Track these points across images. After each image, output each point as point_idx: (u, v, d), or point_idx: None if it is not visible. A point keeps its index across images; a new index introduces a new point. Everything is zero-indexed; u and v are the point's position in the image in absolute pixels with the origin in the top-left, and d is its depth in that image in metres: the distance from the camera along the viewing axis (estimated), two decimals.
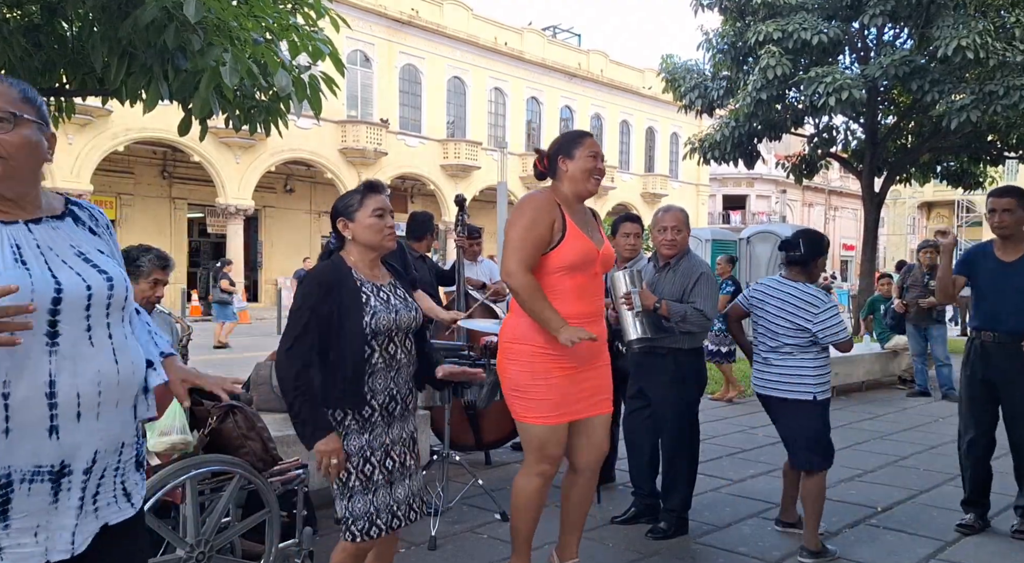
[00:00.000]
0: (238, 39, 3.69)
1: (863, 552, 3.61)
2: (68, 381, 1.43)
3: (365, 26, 24.50)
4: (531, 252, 2.78)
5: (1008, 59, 10.81)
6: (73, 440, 1.44)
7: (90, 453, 1.47)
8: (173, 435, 2.65)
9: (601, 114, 33.45)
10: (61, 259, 1.48)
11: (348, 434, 2.45)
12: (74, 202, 1.61)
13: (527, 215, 2.81)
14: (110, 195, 21.86)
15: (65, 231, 1.53)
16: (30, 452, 1.41)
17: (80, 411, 1.45)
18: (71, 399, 1.43)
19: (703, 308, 3.64)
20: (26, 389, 1.39)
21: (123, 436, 1.57)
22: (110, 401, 1.50)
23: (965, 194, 23.46)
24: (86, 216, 1.61)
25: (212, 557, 2.69)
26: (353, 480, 2.43)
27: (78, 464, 1.46)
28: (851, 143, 14.29)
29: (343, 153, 24.49)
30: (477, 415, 4.96)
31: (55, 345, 1.42)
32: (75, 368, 1.44)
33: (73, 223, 1.57)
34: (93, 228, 1.61)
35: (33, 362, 1.40)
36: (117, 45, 3.64)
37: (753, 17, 12.68)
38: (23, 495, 1.42)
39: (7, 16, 3.89)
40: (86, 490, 1.49)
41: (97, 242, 1.59)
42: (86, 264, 1.50)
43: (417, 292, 4.24)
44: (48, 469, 1.43)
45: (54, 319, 1.42)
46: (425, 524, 3.74)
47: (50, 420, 1.41)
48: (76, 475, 1.46)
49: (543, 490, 2.90)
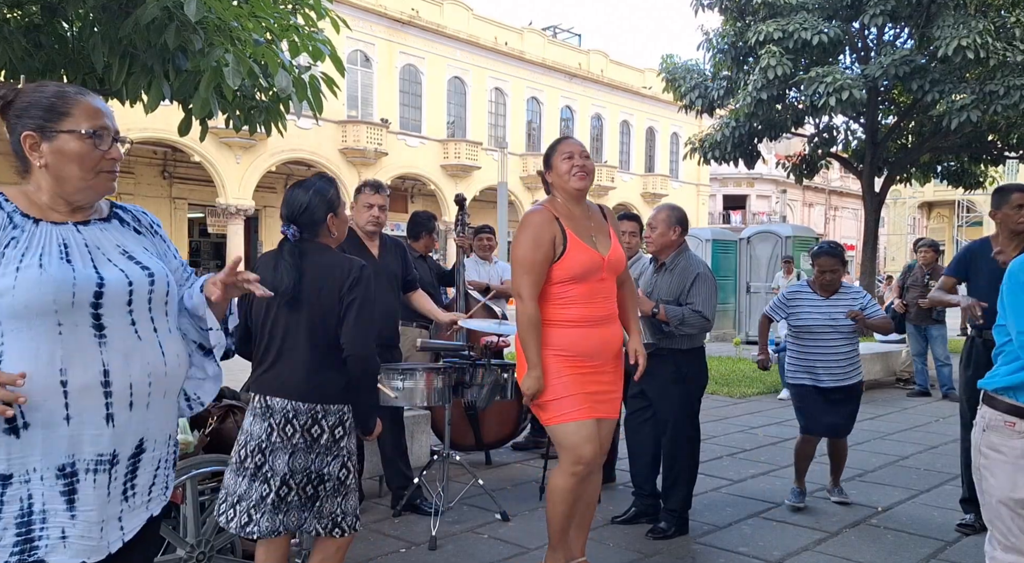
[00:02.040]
0: (238, 39, 3.69)
1: (864, 552, 3.61)
2: (121, 371, 1.51)
3: (365, 26, 24.50)
4: (539, 272, 2.87)
5: (1008, 59, 10.80)
6: (125, 429, 1.52)
7: (135, 441, 1.54)
8: None
9: (601, 114, 33.45)
10: (107, 257, 1.57)
11: (350, 433, 2.46)
12: (118, 206, 1.72)
13: (529, 234, 2.89)
14: (110, 195, 21.85)
15: (112, 232, 1.63)
16: (91, 440, 1.48)
17: (132, 401, 1.52)
18: (124, 389, 1.51)
19: (701, 309, 3.65)
20: (83, 377, 1.47)
21: (170, 428, 1.66)
22: (159, 391, 1.58)
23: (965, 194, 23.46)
24: (129, 218, 1.71)
25: (212, 557, 2.70)
26: (351, 478, 2.46)
27: (124, 452, 1.53)
28: (851, 143, 14.28)
29: (343, 153, 24.49)
30: (477, 415, 4.96)
31: (103, 337, 1.50)
32: (126, 359, 1.52)
33: (119, 224, 1.66)
34: (137, 228, 1.70)
35: (86, 353, 1.48)
36: (118, 45, 3.64)
37: (753, 17, 12.67)
38: (89, 486, 1.48)
39: (7, 16, 3.89)
40: (135, 479, 1.56)
41: (142, 241, 1.68)
42: (129, 261, 1.59)
43: (417, 292, 4.24)
44: (108, 458, 1.50)
45: (97, 312, 1.50)
46: (425, 524, 3.74)
47: (106, 408, 1.49)
48: (122, 464, 1.53)
49: (576, 489, 2.94)
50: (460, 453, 4.56)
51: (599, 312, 2.92)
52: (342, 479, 2.43)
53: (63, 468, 1.45)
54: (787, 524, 4.00)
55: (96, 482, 1.48)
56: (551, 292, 2.90)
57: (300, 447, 2.37)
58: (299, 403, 2.37)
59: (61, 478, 1.45)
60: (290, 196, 2.50)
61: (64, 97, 1.55)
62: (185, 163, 22.64)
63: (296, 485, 2.37)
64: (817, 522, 4.03)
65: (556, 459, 3.09)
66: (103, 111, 1.59)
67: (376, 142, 24.68)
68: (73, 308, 1.46)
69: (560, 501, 2.93)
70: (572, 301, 2.88)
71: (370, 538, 3.71)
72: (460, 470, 4.52)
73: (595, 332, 2.90)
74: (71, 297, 1.46)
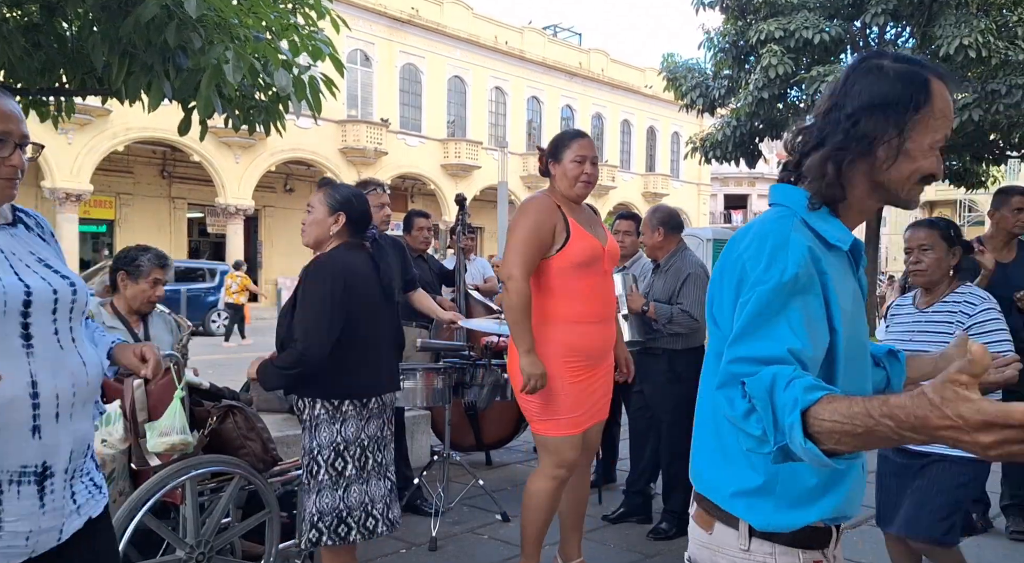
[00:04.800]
0: (238, 38, 3.67)
1: (864, 552, 3.60)
2: (48, 381, 1.47)
3: (365, 25, 24.49)
4: (533, 256, 2.81)
5: (1010, 58, 10.79)
6: (54, 440, 1.48)
7: (67, 453, 1.51)
8: (173, 436, 2.64)
9: (602, 113, 33.44)
10: (25, 264, 1.52)
11: (319, 425, 2.50)
12: (20, 209, 1.63)
13: (531, 218, 2.83)
14: (110, 195, 21.87)
15: (22, 238, 1.57)
16: (16, 452, 1.44)
17: (58, 411, 1.49)
18: (51, 399, 1.47)
19: (689, 309, 3.68)
20: (11, 389, 1.42)
21: (89, 435, 1.62)
22: (81, 401, 1.54)
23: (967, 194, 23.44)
24: (33, 223, 1.64)
25: (212, 558, 2.69)
26: (322, 474, 2.49)
27: (59, 464, 1.50)
28: None
29: (343, 153, 24.49)
30: (478, 415, 4.95)
31: (30, 347, 1.46)
32: (52, 369, 1.48)
33: (25, 230, 1.61)
34: (41, 235, 1.64)
35: (14, 363, 1.43)
36: (117, 44, 3.63)
37: (754, 16, 12.66)
38: (13, 497, 1.44)
39: (6, 15, 3.88)
40: (68, 491, 1.53)
41: (50, 249, 1.63)
42: (48, 269, 1.55)
43: (418, 291, 4.23)
44: (33, 469, 1.46)
45: (26, 321, 1.46)
46: (426, 524, 3.73)
47: (33, 420, 1.45)
48: (58, 476, 1.50)
49: (556, 493, 2.91)
50: (460, 453, 4.55)
51: (601, 309, 2.89)
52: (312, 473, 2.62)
53: None
54: None
55: (20, 493, 1.44)
56: (553, 285, 2.84)
57: (389, 438, 2.63)
58: (391, 395, 2.65)
59: None
60: (365, 199, 2.70)
61: None
62: (184, 163, 22.64)
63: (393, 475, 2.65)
64: None
65: None
66: (6, 114, 1.48)
67: (376, 141, 24.67)
68: (5, 317, 1.42)
69: (537, 506, 2.89)
70: (577, 295, 2.83)
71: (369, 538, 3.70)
72: (460, 470, 4.51)
73: (596, 330, 2.87)
74: (2, 305, 1.41)
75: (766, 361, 1.06)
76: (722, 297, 1.24)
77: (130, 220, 22.34)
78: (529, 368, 2.75)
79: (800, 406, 0.97)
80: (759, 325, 1.11)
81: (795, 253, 1.15)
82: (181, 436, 2.66)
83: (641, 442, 4.09)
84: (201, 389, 2.89)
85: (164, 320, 3.47)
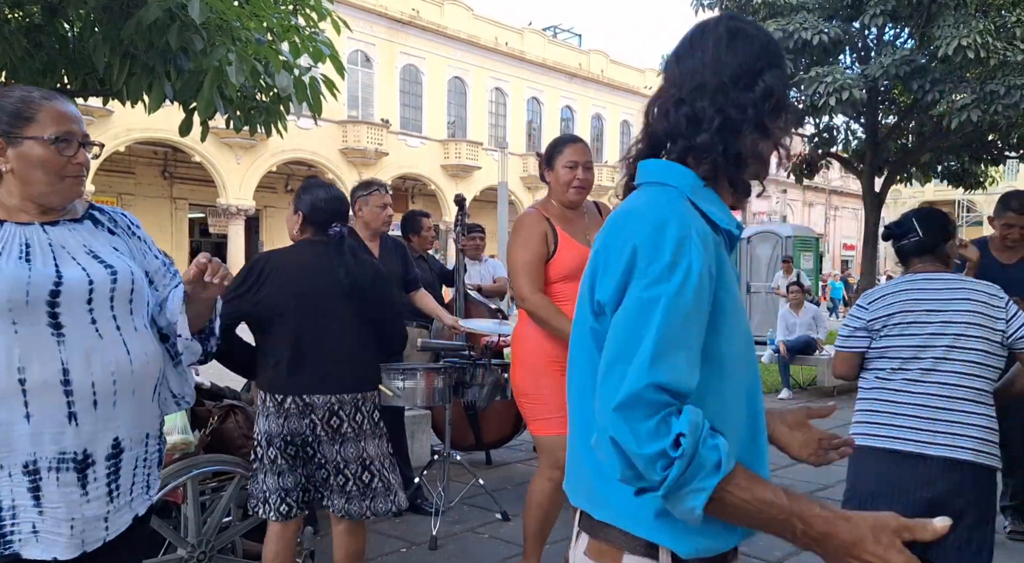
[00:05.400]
0: (239, 40, 3.69)
1: None
2: (82, 369, 1.51)
3: (366, 26, 24.50)
4: (536, 273, 2.86)
5: (1009, 58, 10.79)
6: (93, 428, 1.52)
7: (108, 441, 1.55)
8: (174, 435, 2.65)
9: (602, 114, 33.44)
10: (71, 256, 1.57)
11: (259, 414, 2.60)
12: (96, 207, 1.72)
13: (520, 236, 2.91)
14: (111, 195, 21.86)
15: (81, 232, 1.63)
16: (52, 438, 1.48)
17: (96, 399, 1.52)
18: (86, 387, 1.51)
19: None
20: (40, 375, 1.47)
21: (147, 427, 1.65)
22: (126, 390, 1.57)
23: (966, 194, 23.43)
24: (106, 219, 1.71)
25: (213, 557, 2.70)
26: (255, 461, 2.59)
27: (99, 453, 1.53)
28: (852, 143, 14.27)
29: (344, 153, 24.49)
30: (478, 415, 4.96)
31: (61, 335, 1.50)
32: (87, 357, 1.52)
33: (92, 225, 1.66)
34: (111, 229, 1.70)
35: (43, 350, 1.48)
36: (119, 46, 3.64)
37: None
38: (52, 484, 1.49)
39: (8, 16, 3.89)
40: (118, 480, 1.57)
41: (114, 241, 1.68)
42: (93, 260, 1.59)
43: (419, 292, 4.24)
44: (72, 457, 1.50)
45: (54, 310, 1.50)
46: (426, 524, 3.74)
47: (68, 407, 1.49)
48: (100, 465, 1.53)
49: (555, 493, 2.92)
50: (460, 453, 4.56)
51: None
52: (390, 453, 2.62)
53: (27, 465, 1.47)
54: None
55: (59, 480, 1.49)
56: (548, 292, 2.90)
57: (350, 437, 2.53)
58: (344, 395, 2.53)
59: (27, 475, 1.47)
60: (336, 194, 2.68)
61: (29, 102, 1.56)
62: (186, 163, 22.64)
63: (352, 474, 2.53)
64: None
65: None
66: (69, 116, 1.59)
67: (376, 142, 24.68)
68: (28, 306, 1.47)
69: (537, 505, 2.92)
70: (572, 302, 2.85)
71: (370, 538, 3.70)
72: (460, 470, 4.52)
73: None
74: (24, 296, 1.47)
75: (683, 395, 0.97)
76: (606, 277, 1.07)
77: None
78: None
79: (722, 473, 0.94)
80: (673, 345, 0.98)
81: (698, 246, 1.03)
82: (182, 435, 2.68)
83: None
84: (202, 389, 2.90)
85: None
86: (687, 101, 1.14)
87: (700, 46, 1.16)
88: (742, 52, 1.14)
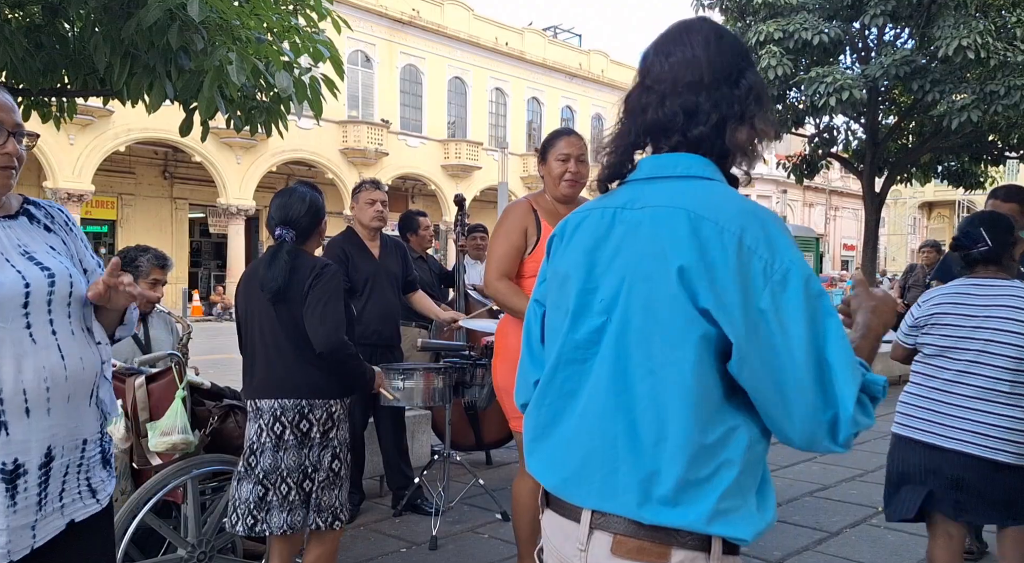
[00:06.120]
0: (239, 39, 3.69)
1: (864, 552, 3.61)
2: (12, 377, 1.43)
3: (366, 26, 24.51)
4: (505, 263, 2.85)
5: (1009, 59, 10.80)
6: (24, 437, 1.45)
7: (42, 449, 1.48)
8: (174, 435, 2.65)
9: (602, 114, 33.44)
10: (5, 258, 1.49)
11: (339, 425, 2.56)
12: (32, 201, 1.63)
13: (503, 226, 2.91)
14: (111, 195, 21.88)
15: (16, 230, 1.55)
16: None
17: (28, 407, 1.45)
18: (17, 395, 1.44)
19: None
20: None
21: (83, 432, 1.57)
22: (60, 396, 1.50)
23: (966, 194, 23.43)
24: (42, 214, 1.62)
25: (213, 557, 2.70)
26: (343, 471, 2.52)
27: (32, 461, 1.46)
28: (852, 143, 14.28)
29: (344, 153, 24.50)
30: (478, 415, 4.96)
31: None
32: (19, 364, 1.44)
33: (27, 222, 1.58)
34: (48, 225, 1.62)
35: None
36: (119, 45, 3.64)
37: (754, 17, 12.67)
38: None
39: (8, 16, 3.89)
40: (47, 488, 1.49)
41: (50, 239, 1.60)
42: (29, 262, 1.51)
43: (417, 292, 4.25)
44: (1, 467, 1.43)
45: None
46: (426, 524, 3.74)
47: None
48: (32, 474, 1.46)
49: (536, 492, 2.90)
50: (460, 453, 4.56)
51: None
52: (336, 470, 2.50)
53: None
54: (787, 524, 4.00)
55: None
56: (527, 286, 2.84)
57: (291, 444, 2.44)
58: (286, 401, 2.45)
59: None
60: (286, 202, 2.59)
61: None
62: (186, 163, 22.65)
63: (295, 483, 2.43)
64: (817, 522, 4.03)
65: None
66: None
67: (377, 142, 24.68)
68: None
69: (522, 504, 2.91)
70: None
71: (371, 538, 3.71)
72: (460, 470, 4.52)
73: None
74: None
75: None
76: (724, 287, 1.05)
77: (132, 220, 22.34)
78: None
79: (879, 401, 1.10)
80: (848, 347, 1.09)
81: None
82: (182, 435, 2.68)
83: None
84: (202, 388, 2.90)
85: (164, 320, 3.48)
86: (682, 96, 1.16)
87: (688, 43, 1.19)
88: (729, 51, 1.19)
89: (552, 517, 1.23)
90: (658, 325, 1.09)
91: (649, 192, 1.16)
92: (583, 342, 1.17)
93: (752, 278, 1.04)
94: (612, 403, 1.13)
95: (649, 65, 1.22)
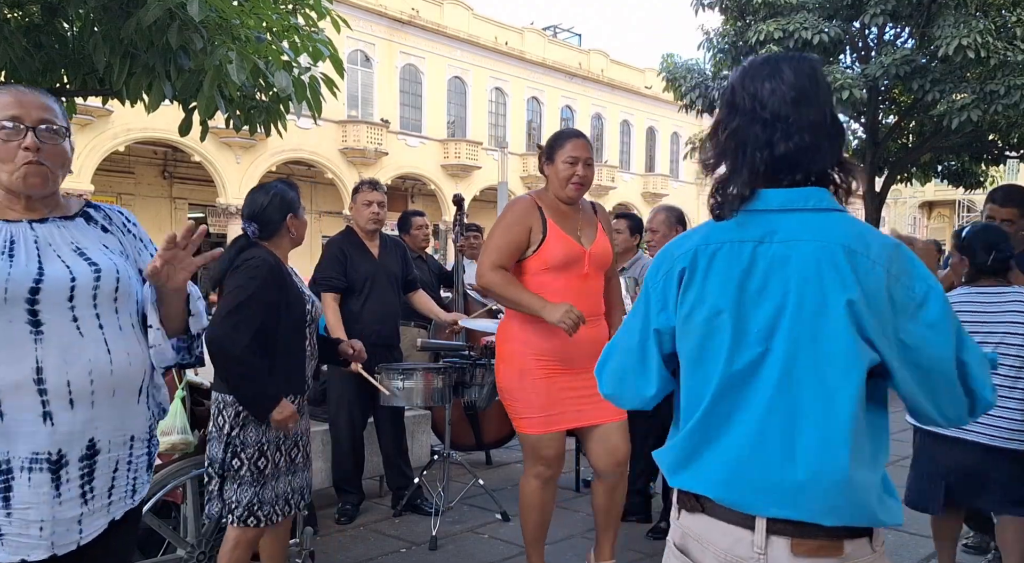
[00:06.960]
0: (239, 38, 3.68)
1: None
2: (57, 368, 1.47)
3: (365, 26, 24.50)
4: (504, 255, 2.81)
5: (1009, 58, 10.80)
6: (68, 428, 1.48)
7: (84, 442, 1.51)
8: (174, 435, 2.65)
9: (602, 114, 33.44)
10: (56, 253, 1.54)
11: (245, 425, 2.49)
12: (93, 205, 1.69)
13: (505, 219, 2.86)
14: (111, 195, 21.86)
15: (71, 230, 1.60)
16: (26, 436, 1.45)
17: (72, 399, 1.48)
18: (61, 387, 1.47)
19: None
20: (13, 374, 1.44)
21: (131, 429, 1.60)
22: (104, 390, 1.52)
23: (966, 194, 23.45)
24: (100, 216, 1.67)
25: (213, 557, 2.70)
26: (244, 470, 2.49)
27: (73, 453, 1.49)
28: (852, 142, 14.28)
29: (344, 153, 24.49)
30: (478, 415, 4.96)
31: (39, 333, 1.47)
32: (64, 356, 1.48)
33: (84, 223, 1.63)
34: (105, 226, 1.66)
35: (17, 348, 1.45)
36: (119, 45, 3.64)
37: (754, 17, 12.67)
38: (24, 484, 1.45)
39: (7, 16, 3.88)
40: (92, 482, 1.52)
41: (105, 238, 1.64)
42: (79, 257, 1.55)
43: (417, 292, 4.24)
44: (46, 457, 1.46)
45: (34, 308, 1.47)
46: (426, 524, 3.74)
47: (42, 406, 1.45)
48: (73, 465, 1.49)
49: (541, 492, 2.90)
50: (460, 453, 4.56)
51: (583, 309, 2.77)
52: (235, 468, 2.48)
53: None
54: None
55: (32, 481, 1.45)
56: (531, 284, 2.81)
57: (212, 435, 2.53)
58: (213, 393, 2.55)
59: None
60: (251, 198, 2.63)
61: None
62: (185, 163, 22.65)
63: (215, 473, 2.51)
64: None
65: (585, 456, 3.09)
66: (13, 102, 1.53)
67: (376, 142, 24.67)
68: (6, 304, 1.45)
69: (527, 505, 2.90)
70: (554, 296, 2.75)
71: (370, 538, 3.71)
72: (460, 470, 4.52)
73: (578, 333, 2.71)
74: (3, 292, 1.44)
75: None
76: (881, 315, 1.21)
77: None
78: (555, 315, 2.64)
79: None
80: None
81: None
82: (182, 435, 2.68)
83: (640, 442, 4.09)
84: (202, 388, 2.90)
85: None
86: (809, 134, 1.27)
87: (815, 91, 1.29)
88: (826, 92, 1.31)
89: (709, 521, 1.32)
90: (828, 354, 1.22)
91: (786, 225, 1.26)
92: (742, 371, 1.27)
93: (900, 303, 1.20)
94: (778, 423, 1.25)
95: (766, 99, 1.29)
